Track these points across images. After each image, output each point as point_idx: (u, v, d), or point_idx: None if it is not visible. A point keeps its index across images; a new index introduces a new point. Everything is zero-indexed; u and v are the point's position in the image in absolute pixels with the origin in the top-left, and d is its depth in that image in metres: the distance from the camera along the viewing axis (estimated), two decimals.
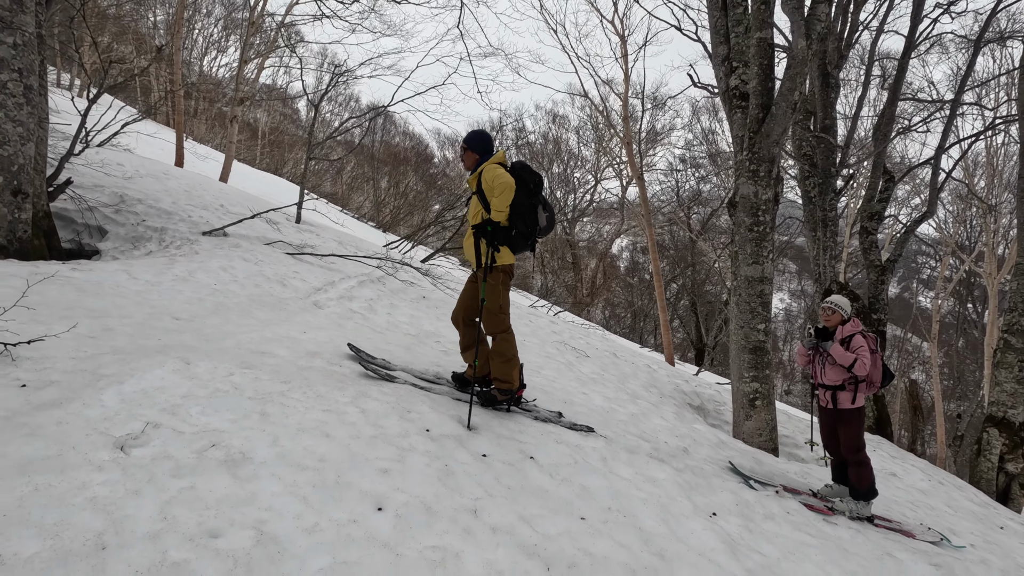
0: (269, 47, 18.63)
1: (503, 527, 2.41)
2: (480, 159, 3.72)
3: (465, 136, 3.80)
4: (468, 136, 3.77)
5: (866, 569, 3.23)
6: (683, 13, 11.22)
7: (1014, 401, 8.28)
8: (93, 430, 2.31)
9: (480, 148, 3.72)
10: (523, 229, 3.64)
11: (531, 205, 3.64)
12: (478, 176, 3.68)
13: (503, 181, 3.48)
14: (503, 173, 3.52)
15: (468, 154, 3.74)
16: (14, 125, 5.87)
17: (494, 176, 3.52)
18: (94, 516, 1.84)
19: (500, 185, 3.48)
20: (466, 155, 3.76)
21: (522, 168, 3.72)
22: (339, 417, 2.95)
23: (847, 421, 4.28)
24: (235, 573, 1.76)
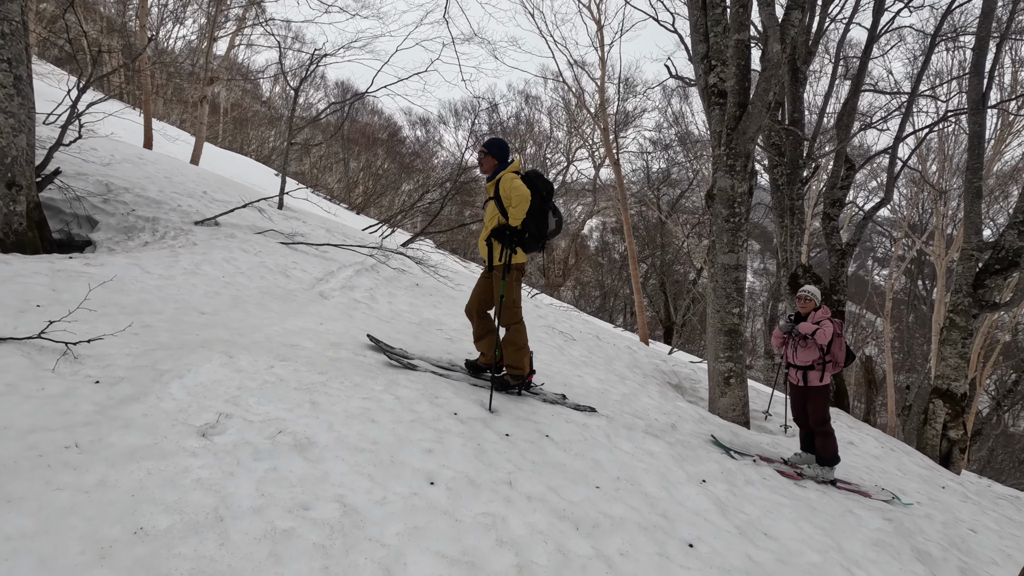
0: (239, 24, 18.17)
1: (536, 495, 2.81)
2: (498, 165, 4.05)
3: (486, 142, 4.11)
4: (490, 142, 4.08)
5: (832, 523, 3.77)
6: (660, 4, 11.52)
7: (957, 375, 9.11)
8: (175, 421, 2.59)
9: (500, 155, 4.04)
10: (535, 232, 4.00)
11: (542, 210, 4.00)
12: (496, 184, 4.00)
13: (520, 193, 3.82)
14: (520, 185, 3.85)
15: (488, 159, 4.05)
16: (6, 117, 5.88)
17: (512, 187, 3.85)
18: (204, 495, 2.16)
19: (517, 197, 3.81)
20: (486, 159, 4.06)
21: (536, 176, 4.07)
22: (378, 404, 3.29)
23: (815, 397, 4.84)
24: (333, 537, 2.11)
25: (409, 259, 8.64)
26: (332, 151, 30.61)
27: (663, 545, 2.76)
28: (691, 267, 31.97)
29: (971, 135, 9.37)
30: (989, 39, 9.14)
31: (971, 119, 9.32)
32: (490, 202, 4.10)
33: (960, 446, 9.08)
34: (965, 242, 9.41)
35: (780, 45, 6.46)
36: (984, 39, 9.10)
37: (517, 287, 4.06)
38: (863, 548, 3.55)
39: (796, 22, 6.99)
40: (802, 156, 9.76)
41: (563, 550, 2.44)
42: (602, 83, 15.37)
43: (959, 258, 9.46)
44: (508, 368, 4.09)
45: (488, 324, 4.23)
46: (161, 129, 18.87)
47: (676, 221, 31.06)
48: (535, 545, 2.42)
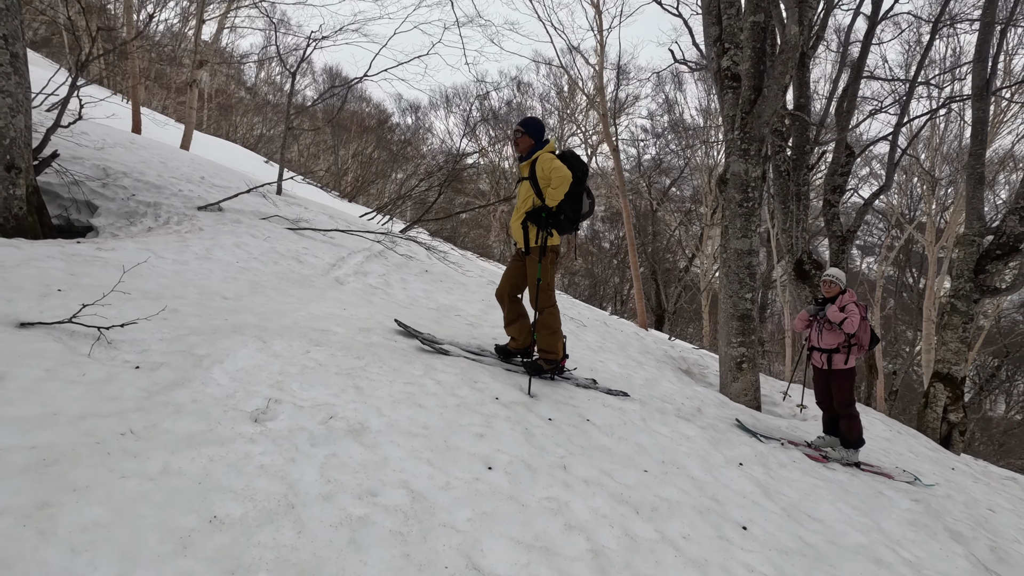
0: (228, 6, 17.70)
1: (592, 479, 2.77)
2: (534, 145, 3.95)
3: (522, 120, 4.01)
4: (526, 121, 3.98)
5: (867, 504, 3.79)
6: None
7: (957, 359, 9.25)
8: (226, 406, 2.50)
9: (536, 134, 3.94)
10: (570, 214, 3.92)
11: (577, 192, 3.92)
12: (531, 164, 3.91)
13: (562, 174, 3.73)
14: (561, 166, 3.76)
15: (524, 138, 3.94)
16: (3, 96, 5.67)
17: (552, 167, 3.76)
18: (271, 481, 2.08)
19: (558, 178, 3.72)
20: (522, 139, 3.96)
21: (572, 157, 3.98)
22: (421, 389, 3.22)
23: (840, 380, 4.85)
24: (408, 524, 2.04)
25: (419, 245, 8.52)
26: (320, 138, 30.14)
27: (719, 528, 2.74)
28: (682, 255, 32.14)
29: (974, 121, 9.43)
30: (994, 26, 9.18)
31: (975, 105, 9.38)
32: (523, 183, 4.02)
33: (959, 428, 9.24)
34: (967, 227, 9.51)
35: (797, 27, 6.41)
36: (989, 25, 9.14)
37: (552, 270, 3.99)
38: (900, 528, 3.57)
39: (814, 4, 6.94)
40: (808, 142, 9.76)
41: (630, 534, 2.40)
42: (600, 69, 15.24)
43: (959, 244, 9.57)
44: (542, 352, 4.03)
45: (519, 308, 4.16)
46: (147, 115, 18.39)
47: (668, 209, 31.15)
48: (602, 529, 2.37)
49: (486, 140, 26.79)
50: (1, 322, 2.88)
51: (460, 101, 29.74)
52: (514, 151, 4.07)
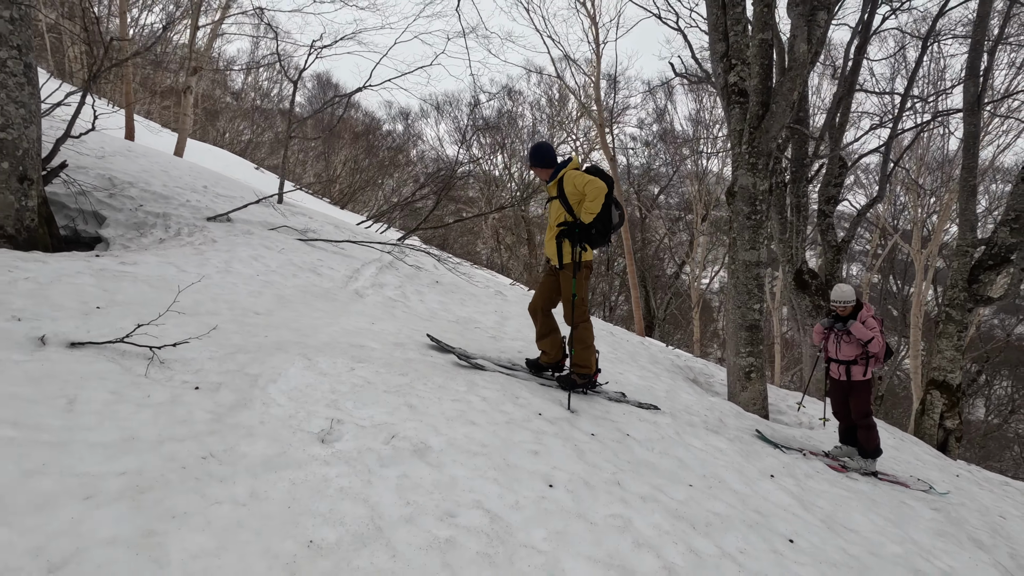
0: (223, 13, 17.61)
1: (647, 496, 2.82)
2: (554, 167, 4.08)
3: (530, 154, 4.17)
4: (533, 152, 4.16)
5: (895, 515, 3.89)
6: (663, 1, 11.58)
7: (952, 366, 9.49)
8: (292, 428, 2.52)
9: (549, 157, 4.11)
10: (600, 228, 4.00)
11: (606, 205, 4.00)
12: (558, 182, 3.99)
13: (596, 186, 3.81)
14: (592, 179, 3.84)
15: (540, 171, 4.13)
16: (16, 107, 5.64)
17: (584, 181, 3.84)
18: (354, 504, 2.10)
19: (593, 190, 3.80)
20: (539, 170, 4.14)
21: (599, 171, 4.06)
22: (468, 406, 3.26)
23: (858, 391, 4.97)
24: (492, 545, 2.08)
25: (430, 256, 8.54)
26: (308, 144, 29.97)
27: (770, 541, 2.81)
28: (672, 261, 32.48)
29: (966, 135, 9.72)
30: (984, 43, 9.49)
31: (967, 120, 9.67)
32: (553, 202, 4.09)
33: (955, 435, 9.47)
34: (960, 238, 9.77)
35: (807, 45, 6.58)
36: (979, 43, 9.44)
37: (585, 285, 4.06)
38: (930, 538, 3.67)
39: (822, 23, 7.14)
40: (806, 155, 9.98)
41: (693, 549, 2.46)
42: (597, 80, 15.41)
43: (954, 254, 9.84)
44: (575, 367, 4.08)
45: (552, 323, 4.22)
46: (138, 121, 18.17)
47: (657, 216, 31.46)
48: (667, 545, 2.43)
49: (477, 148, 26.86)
50: (52, 342, 2.86)
51: (451, 108, 29.79)
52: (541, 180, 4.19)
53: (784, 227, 10.45)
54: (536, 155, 4.17)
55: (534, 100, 30.04)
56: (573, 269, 3.97)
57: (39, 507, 1.73)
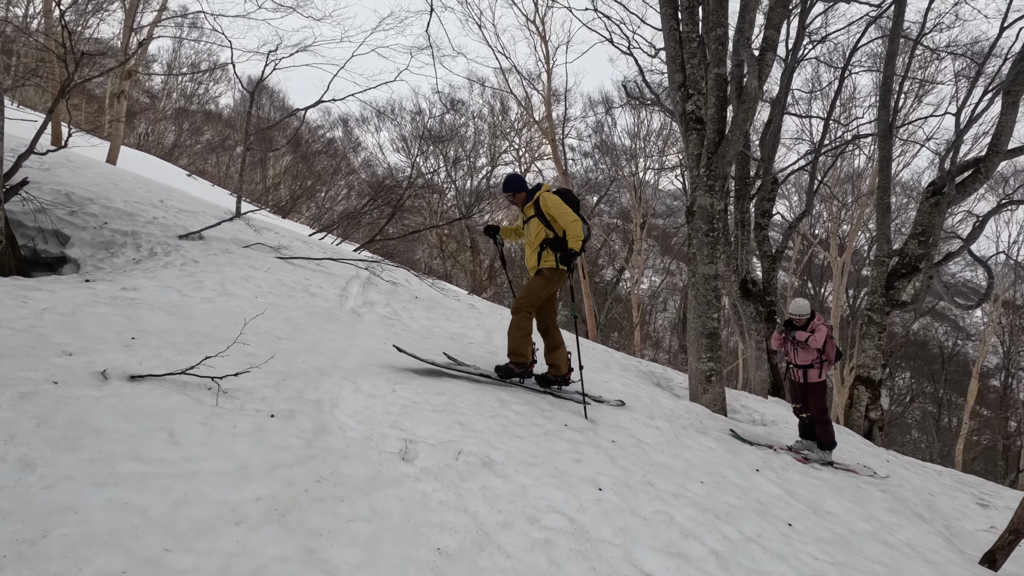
0: (159, 14, 16.86)
1: (674, 492, 3.26)
2: (528, 192, 4.59)
3: (504, 186, 4.69)
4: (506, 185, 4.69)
5: (857, 498, 4.55)
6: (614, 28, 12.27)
7: (875, 364, 10.67)
8: (376, 449, 2.76)
9: (520, 185, 4.66)
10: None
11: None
12: (535, 203, 4.49)
13: (571, 219, 4.33)
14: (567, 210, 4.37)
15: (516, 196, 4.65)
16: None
17: (560, 212, 4.37)
18: (457, 515, 2.39)
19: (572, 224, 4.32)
20: (514, 197, 4.65)
21: (567, 194, 4.62)
22: (508, 420, 3.58)
23: (815, 391, 5.68)
24: (579, 542, 2.43)
25: (407, 271, 8.71)
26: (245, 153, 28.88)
27: (776, 525, 3.31)
28: (612, 267, 33.75)
29: (880, 159, 10.99)
30: (893, 78, 10.78)
31: (881, 145, 10.93)
32: (532, 220, 4.54)
33: (879, 424, 10.65)
34: (877, 250, 11.02)
35: (757, 81, 7.35)
36: (889, 79, 10.72)
37: (549, 288, 4.53)
38: (886, 515, 4.34)
39: (770, 62, 7.94)
40: (749, 175, 10.93)
41: (725, 536, 2.91)
42: (548, 95, 16.00)
43: (873, 264, 11.07)
44: (511, 356, 4.50)
45: (558, 338, 4.62)
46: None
47: (597, 224, 32.61)
48: (704, 534, 2.87)
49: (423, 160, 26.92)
50: (113, 376, 2.94)
51: (393, 115, 29.62)
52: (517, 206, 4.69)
53: (729, 241, 11.37)
54: (513, 184, 4.70)
55: (476, 110, 30.40)
56: (548, 272, 4.45)
57: (202, 533, 1.92)
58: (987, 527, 5.12)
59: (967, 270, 25.07)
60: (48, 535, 1.75)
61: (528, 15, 15.98)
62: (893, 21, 10.06)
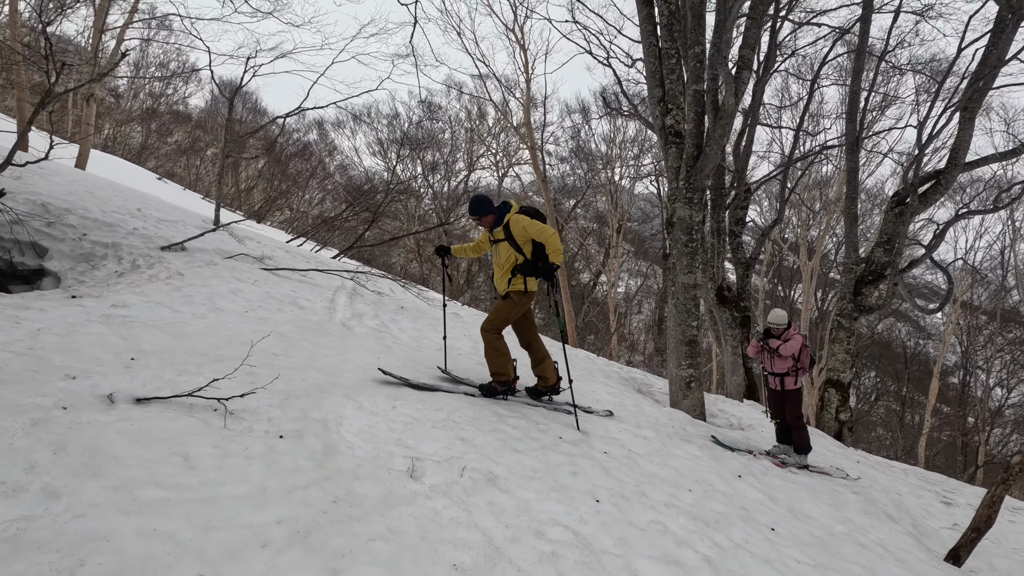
0: (130, 16, 16.53)
1: (666, 502, 3.43)
2: (497, 213, 4.62)
3: (471, 208, 4.68)
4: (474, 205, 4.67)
5: (833, 501, 4.80)
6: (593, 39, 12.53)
7: (844, 367, 11.10)
8: (385, 468, 2.85)
9: (488, 207, 4.66)
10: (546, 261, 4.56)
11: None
12: (504, 227, 4.55)
13: (548, 232, 4.42)
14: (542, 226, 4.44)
15: (484, 219, 4.66)
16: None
17: (536, 230, 4.44)
18: (468, 531, 2.51)
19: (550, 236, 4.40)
20: (482, 220, 4.67)
21: (535, 212, 4.71)
22: (505, 435, 3.71)
23: (792, 398, 5.95)
24: (584, 554, 2.57)
25: (392, 281, 8.76)
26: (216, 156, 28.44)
27: (760, 531, 3.51)
28: (587, 270, 34.14)
29: (848, 170, 11.45)
30: (860, 92, 11.25)
31: (848, 157, 11.39)
32: (502, 243, 4.60)
33: (848, 425, 11.08)
34: (846, 257, 11.46)
35: (734, 99, 7.63)
36: (856, 93, 11.18)
37: (516, 311, 4.63)
38: (859, 517, 4.60)
39: (746, 80, 8.24)
40: (724, 185, 11.27)
41: (716, 544, 3.09)
42: (527, 103, 16.19)
43: (842, 271, 11.52)
44: (494, 376, 4.61)
45: (542, 351, 4.73)
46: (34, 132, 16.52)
47: (574, 228, 32.96)
48: (697, 541, 3.04)
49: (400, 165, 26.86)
50: (119, 399, 2.98)
51: (371, 120, 29.51)
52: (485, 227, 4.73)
53: (706, 249, 11.70)
54: (480, 206, 4.66)
55: (454, 114, 30.47)
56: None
57: (231, 557, 2.00)
58: (950, 525, 5.44)
59: (928, 273, 26.12)
60: (85, 564, 1.82)
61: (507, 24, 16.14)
62: (859, 39, 10.51)
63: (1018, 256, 21.36)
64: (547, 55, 21.87)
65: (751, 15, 8.11)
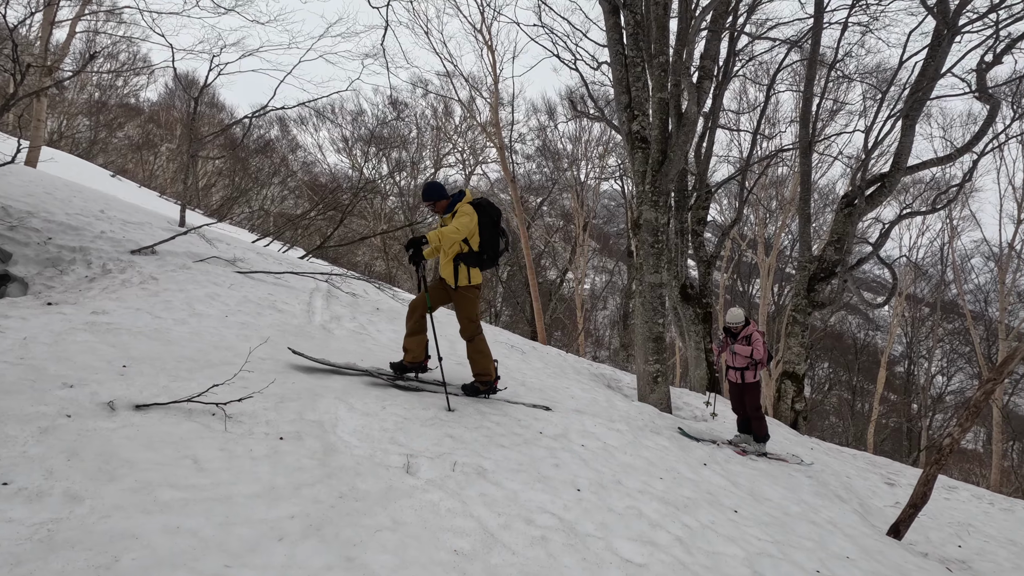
0: (82, 8, 15.98)
1: (641, 489, 3.72)
2: (450, 200, 4.66)
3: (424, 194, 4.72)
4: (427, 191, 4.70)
5: (789, 484, 5.20)
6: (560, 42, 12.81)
7: (799, 360, 11.73)
8: (383, 465, 3.04)
9: (441, 193, 4.69)
10: (491, 253, 4.76)
11: (494, 234, 4.74)
12: (454, 214, 4.61)
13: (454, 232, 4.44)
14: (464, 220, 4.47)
15: (437, 204, 4.69)
16: None
17: (459, 215, 4.50)
18: (464, 520, 2.73)
19: (451, 230, 4.43)
20: (435, 205, 4.69)
21: (486, 204, 4.79)
22: (489, 431, 3.94)
23: (751, 390, 6.36)
24: (570, 537, 2.82)
25: (367, 282, 8.85)
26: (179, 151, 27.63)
27: (725, 513, 3.84)
28: (555, 268, 34.61)
29: (802, 173, 12.08)
30: (812, 99, 11.88)
31: (802, 160, 12.02)
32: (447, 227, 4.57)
33: (803, 415, 11.72)
34: (800, 255, 12.10)
35: (697, 107, 8.02)
36: (808, 99, 11.80)
37: (476, 303, 4.77)
38: (812, 498, 5.01)
39: (707, 89, 8.64)
40: (687, 187, 11.73)
41: (685, 524, 3.39)
42: (495, 103, 16.38)
43: (797, 269, 12.15)
44: (477, 376, 4.76)
45: (424, 324, 4.70)
46: None
47: (540, 225, 33.35)
48: (669, 523, 3.34)
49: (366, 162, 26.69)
50: (119, 406, 3.08)
51: (335, 116, 29.15)
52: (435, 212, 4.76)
53: (670, 249, 12.15)
54: (432, 192, 4.67)
55: (420, 111, 30.37)
56: (465, 290, 4.65)
57: (253, 549, 2.17)
58: (893, 503, 5.95)
59: (876, 269, 27.48)
60: (119, 560, 1.97)
61: (475, 25, 16.29)
62: (810, 50, 11.10)
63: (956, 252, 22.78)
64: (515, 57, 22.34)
65: (711, 28, 8.50)
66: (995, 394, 19.28)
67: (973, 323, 22.54)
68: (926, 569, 3.93)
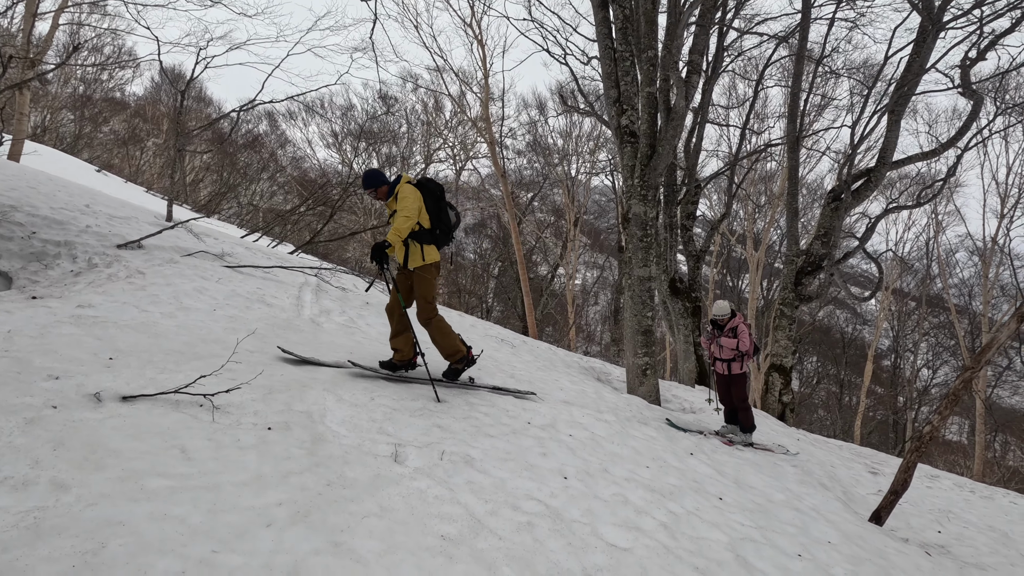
0: (64, 2, 15.76)
1: (628, 478, 3.77)
2: (390, 186, 4.67)
3: (363, 181, 4.71)
4: (365, 179, 4.71)
5: (773, 473, 5.28)
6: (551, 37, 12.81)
7: (786, 352, 11.86)
8: (371, 454, 3.07)
9: (381, 179, 4.69)
10: (443, 228, 4.73)
11: (440, 208, 4.70)
12: (395, 198, 4.61)
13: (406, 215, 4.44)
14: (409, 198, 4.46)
15: (378, 191, 4.69)
16: None
17: (403, 197, 4.49)
18: (452, 506, 2.76)
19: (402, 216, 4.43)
20: (378, 192, 4.69)
21: (427, 181, 4.79)
22: (478, 421, 3.97)
23: (738, 382, 6.44)
24: (555, 523, 2.86)
25: (357, 277, 8.83)
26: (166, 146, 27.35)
27: (710, 500, 3.90)
28: (546, 264, 34.67)
29: (789, 168, 12.18)
30: (800, 95, 11.97)
31: (789, 155, 12.12)
32: (396, 214, 4.55)
33: (790, 407, 11.86)
34: (787, 250, 12.22)
35: (685, 101, 8.07)
36: (796, 95, 11.89)
37: (433, 283, 4.73)
38: (797, 486, 5.09)
39: (696, 83, 8.68)
40: (675, 182, 11.80)
41: (671, 511, 3.45)
42: (486, 98, 16.35)
43: (784, 264, 12.27)
44: (449, 358, 4.74)
45: (406, 322, 4.74)
46: None
47: (531, 221, 33.39)
48: (654, 510, 3.39)
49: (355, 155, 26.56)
50: (106, 398, 3.08)
51: (324, 111, 28.98)
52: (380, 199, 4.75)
53: (659, 243, 12.22)
54: (372, 179, 4.67)
55: (410, 107, 30.25)
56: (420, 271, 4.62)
57: (241, 536, 2.19)
58: (876, 491, 6.05)
59: (863, 263, 27.79)
60: (106, 546, 1.98)
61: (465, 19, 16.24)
62: (798, 46, 11.18)
63: (941, 247, 23.07)
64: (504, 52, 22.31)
65: (699, 23, 8.54)
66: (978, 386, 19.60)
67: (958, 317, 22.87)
68: (906, 553, 4.01)
